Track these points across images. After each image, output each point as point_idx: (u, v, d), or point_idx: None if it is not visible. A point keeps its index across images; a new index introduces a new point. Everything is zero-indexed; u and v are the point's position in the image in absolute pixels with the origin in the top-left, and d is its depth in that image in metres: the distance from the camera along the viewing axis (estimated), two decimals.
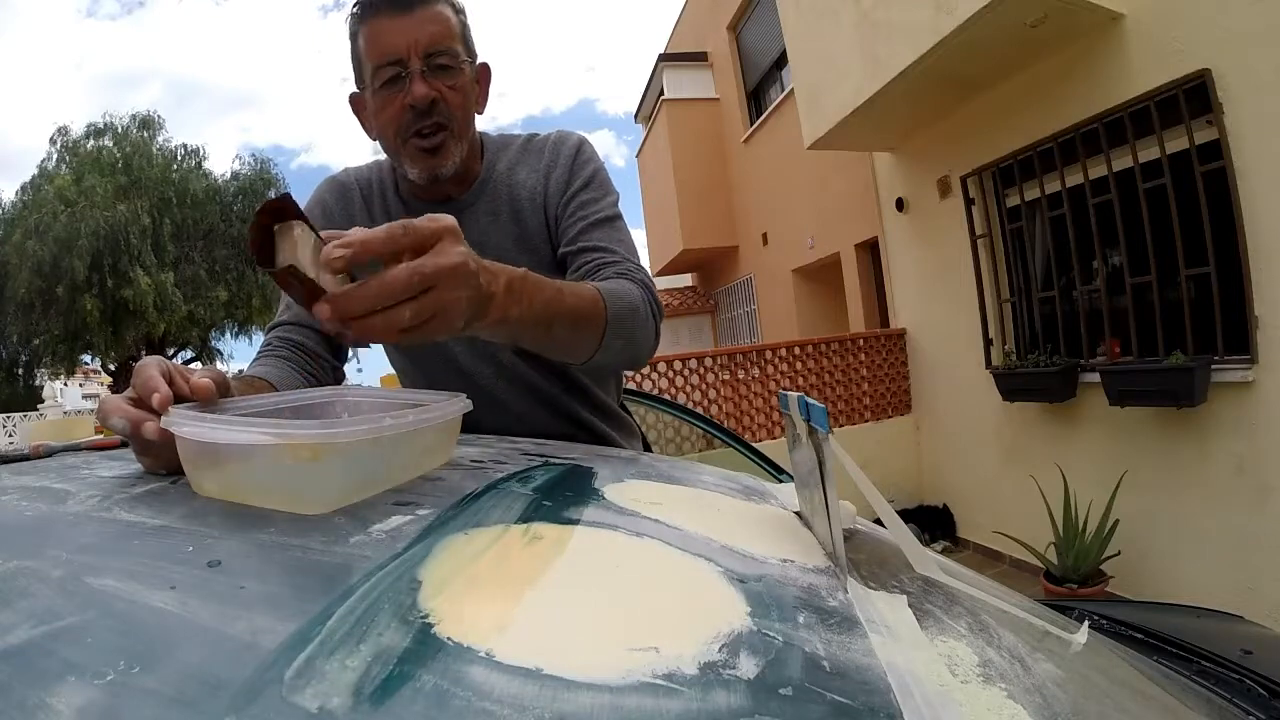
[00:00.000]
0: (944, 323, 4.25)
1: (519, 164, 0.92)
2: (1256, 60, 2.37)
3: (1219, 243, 2.58)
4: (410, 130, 0.81)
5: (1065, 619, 0.48)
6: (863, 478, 0.42)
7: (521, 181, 0.91)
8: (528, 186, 0.90)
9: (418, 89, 0.78)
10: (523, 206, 0.90)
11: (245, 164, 13.42)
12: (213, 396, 0.47)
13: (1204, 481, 2.77)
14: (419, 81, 0.79)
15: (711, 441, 2.32)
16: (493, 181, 0.91)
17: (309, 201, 0.94)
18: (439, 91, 0.80)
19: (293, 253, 0.41)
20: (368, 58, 0.81)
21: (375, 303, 0.41)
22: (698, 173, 8.08)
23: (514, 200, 0.90)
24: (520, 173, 0.91)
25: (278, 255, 0.41)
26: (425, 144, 0.81)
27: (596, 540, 0.36)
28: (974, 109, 3.65)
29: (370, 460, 0.41)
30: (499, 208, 0.90)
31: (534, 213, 0.90)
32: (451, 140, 0.83)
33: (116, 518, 0.36)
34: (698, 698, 0.23)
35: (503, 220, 0.90)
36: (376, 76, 0.80)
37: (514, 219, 0.90)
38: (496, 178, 0.91)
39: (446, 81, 0.81)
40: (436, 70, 0.80)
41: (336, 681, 0.21)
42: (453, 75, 0.81)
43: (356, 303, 0.41)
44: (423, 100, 0.79)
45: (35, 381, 13.02)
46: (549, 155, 0.91)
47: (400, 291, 0.41)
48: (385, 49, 0.79)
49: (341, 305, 0.41)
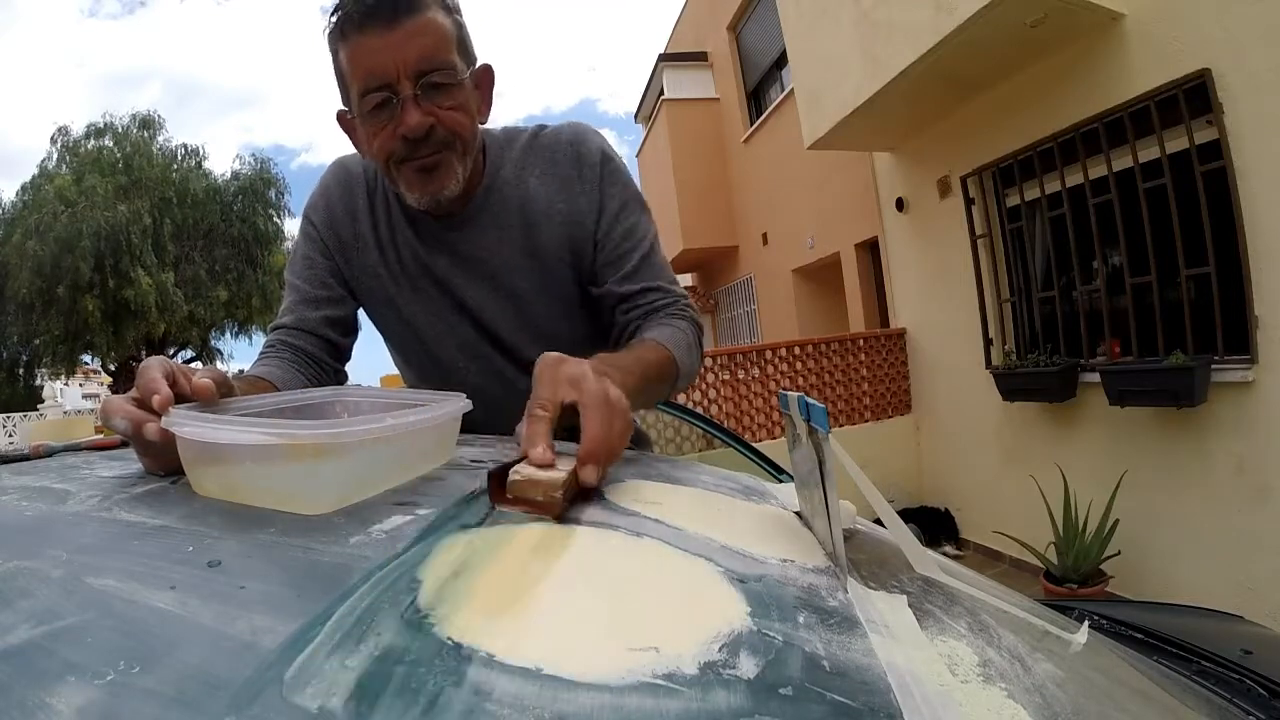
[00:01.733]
0: (944, 323, 4.25)
1: (528, 167, 0.85)
2: (1256, 60, 2.37)
3: (1219, 243, 2.58)
4: (405, 157, 0.74)
5: (1065, 619, 0.48)
6: (863, 478, 0.42)
7: (534, 191, 0.84)
8: (543, 196, 0.84)
9: (410, 118, 0.71)
10: (536, 219, 0.84)
11: (245, 164, 13.43)
12: (213, 397, 0.47)
13: (1204, 481, 2.76)
14: (411, 109, 0.71)
15: (711, 441, 2.32)
16: (498, 188, 0.84)
17: (317, 188, 0.90)
18: (434, 116, 0.72)
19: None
20: (353, 80, 0.72)
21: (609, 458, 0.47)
22: (698, 172, 8.07)
23: (525, 210, 0.84)
24: (531, 179, 0.85)
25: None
26: (422, 163, 0.74)
27: (597, 540, 0.36)
28: (974, 109, 3.65)
29: (372, 460, 0.41)
30: (507, 219, 0.84)
31: (550, 226, 0.84)
32: (454, 157, 0.76)
33: (116, 518, 0.36)
34: (698, 698, 0.23)
35: (511, 232, 0.84)
36: (364, 102, 0.72)
37: (524, 230, 0.84)
38: (503, 183, 0.84)
39: (443, 102, 0.73)
40: (430, 91, 0.71)
41: (336, 681, 0.21)
42: (449, 94, 0.73)
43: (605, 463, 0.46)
44: (416, 130, 0.71)
45: (35, 381, 13.01)
46: (568, 165, 0.84)
47: (613, 454, 0.48)
48: (370, 71, 0.70)
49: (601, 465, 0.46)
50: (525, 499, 0.39)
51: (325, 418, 0.56)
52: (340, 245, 0.88)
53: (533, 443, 0.44)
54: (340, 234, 0.88)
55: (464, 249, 0.85)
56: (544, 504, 0.38)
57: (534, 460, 0.42)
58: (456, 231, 0.85)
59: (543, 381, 0.49)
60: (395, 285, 0.88)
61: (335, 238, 0.88)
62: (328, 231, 0.88)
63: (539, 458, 0.42)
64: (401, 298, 0.88)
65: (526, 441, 0.44)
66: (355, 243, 0.88)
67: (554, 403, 0.47)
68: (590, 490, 0.44)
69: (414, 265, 0.87)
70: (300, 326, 0.86)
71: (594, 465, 0.44)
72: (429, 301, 0.88)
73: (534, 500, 0.39)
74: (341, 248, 0.88)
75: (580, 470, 0.43)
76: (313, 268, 0.88)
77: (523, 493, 0.39)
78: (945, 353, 4.30)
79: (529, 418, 0.46)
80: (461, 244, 0.85)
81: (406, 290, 0.88)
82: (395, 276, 0.87)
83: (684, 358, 0.78)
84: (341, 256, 0.88)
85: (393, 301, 0.89)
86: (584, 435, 0.45)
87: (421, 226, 0.86)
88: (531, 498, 0.39)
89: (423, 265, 0.86)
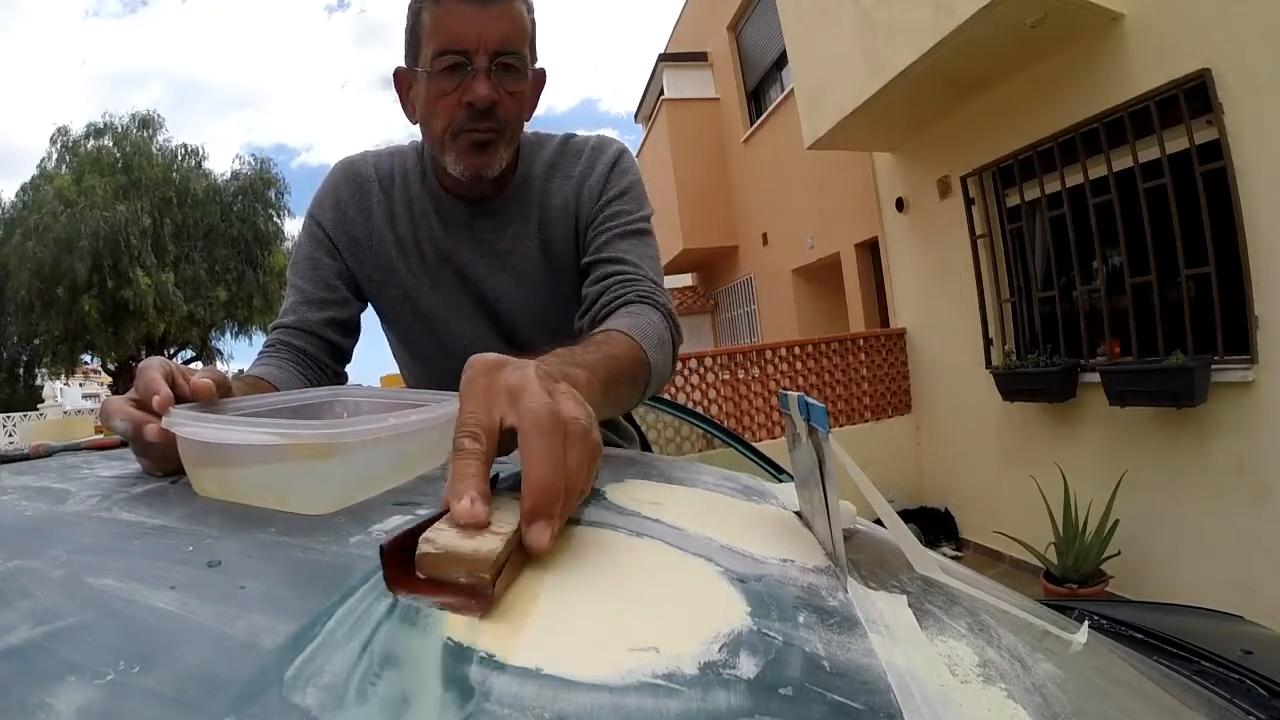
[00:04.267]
0: (944, 323, 4.25)
1: (555, 169, 0.89)
2: (1256, 60, 2.37)
3: (1219, 243, 2.58)
4: (463, 127, 0.77)
5: (1065, 619, 0.48)
6: (863, 478, 0.42)
7: (555, 189, 0.88)
8: (561, 195, 0.87)
9: (480, 88, 0.74)
10: (554, 216, 0.87)
11: (245, 164, 13.44)
12: (213, 397, 0.47)
13: (1204, 481, 2.77)
14: (483, 81, 0.74)
15: (711, 441, 2.32)
16: (527, 186, 0.88)
17: (323, 189, 0.90)
18: (499, 95, 0.76)
19: None
20: (431, 39, 0.75)
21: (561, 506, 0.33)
22: (698, 173, 8.08)
23: (545, 208, 0.87)
24: (555, 179, 0.88)
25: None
26: (478, 137, 0.77)
27: (596, 540, 0.36)
28: (974, 109, 3.65)
29: (374, 460, 0.41)
30: (530, 214, 0.87)
31: (563, 221, 0.87)
32: (502, 143, 0.79)
33: (116, 518, 0.36)
34: (698, 698, 0.23)
35: (532, 228, 0.88)
36: (437, 62, 0.75)
37: (541, 229, 0.87)
38: (532, 182, 0.88)
39: (509, 85, 0.77)
40: (501, 71, 0.75)
41: (336, 681, 0.21)
42: (516, 78, 0.77)
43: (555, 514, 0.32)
44: (484, 101, 0.75)
45: (35, 382, 13.01)
46: (585, 163, 0.88)
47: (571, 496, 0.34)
48: (453, 36, 0.74)
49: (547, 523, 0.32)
50: (440, 580, 0.27)
51: (325, 418, 0.56)
52: (352, 245, 0.88)
53: (456, 492, 0.30)
54: (353, 233, 0.88)
55: (487, 238, 0.87)
56: (466, 588, 0.27)
57: (457, 517, 0.29)
58: (481, 220, 0.87)
59: (471, 395, 0.35)
60: (413, 278, 0.88)
61: (346, 237, 0.88)
62: (337, 231, 0.88)
63: (464, 514, 0.29)
64: (419, 291, 0.89)
65: (449, 489, 0.31)
66: (369, 240, 0.88)
67: (487, 428, 0.34)
68: None
69: (435, 257, 0.88)
70: (301, 327, 0.86)
71: (543, 522, 0.31)
72: (449, 293, 0.89)
73: (453, 583, 0.27)
74: (354, 247, 0.88)
75: (526, 532, 0.31)
76: (317, 269, 0.88)
77: (438, 571, 0.27)
78: (945, 353, 4.31)
79: (455, 452, 0.33)
80: (485, 233, 0.87)
81: (425, 284, 0.88)
82: (414, 271, 0.88)
83: (656, 356, 0.68)
84: (353, 257, 0.89)
85: (410, 296, 0.89)
86: (525, 478, 0.31)
87: (448, 214, 0.87)
88: (450, 579, 0.27)
89: (444, 256, 0.88)
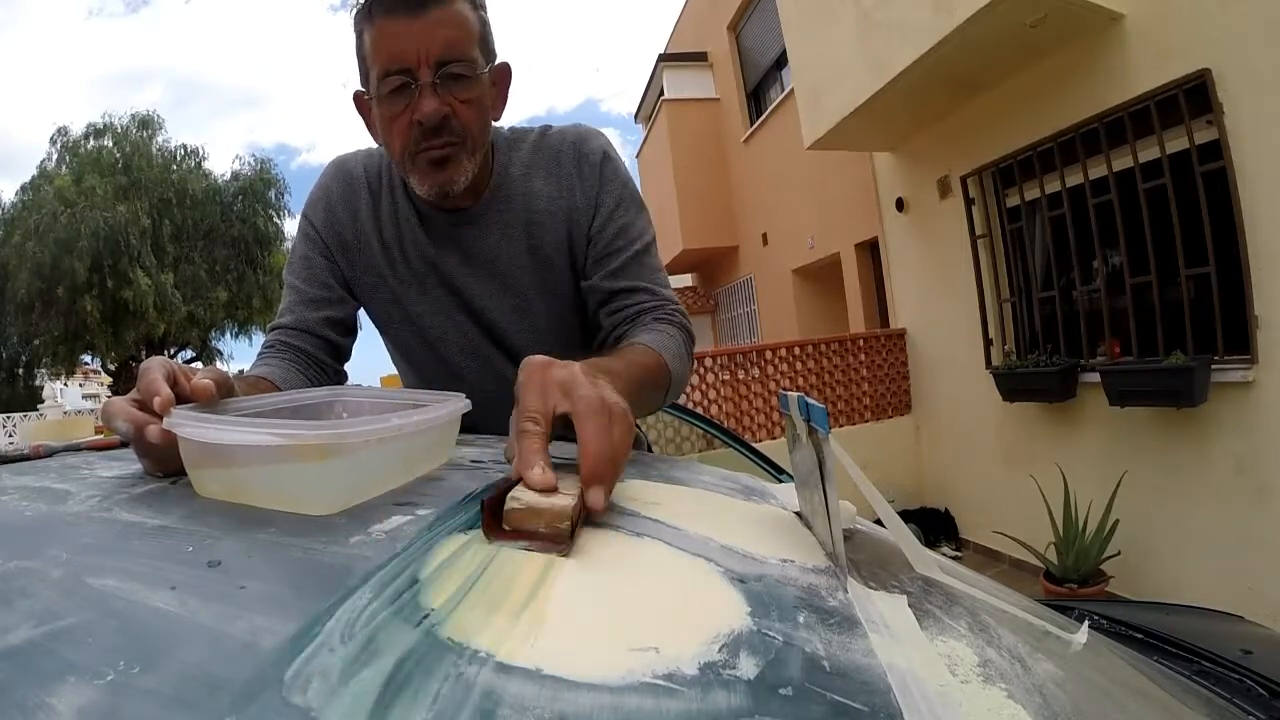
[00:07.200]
0: (944, 323, 4.25)
1: (534, 168, 0.86)
2: (1256, 60, 2.37)
3: (1219, 243, 2.58)
4: (419, 146, 0.75)
5: (1065, 619, 0.48)
6: (863, 478, 0.42)
7: (538, 191, 0.85)
8: (545, 196, 0.85)
9: (426, 105, 0.72)
10: (540, 219, 0.85)
11: (245, 164, 13.42)
12: (212, 397, 0.47)
13: (1204, 481, 2.77)
14: (428, 96, 0.72)
15: (711, 441, 2.32)
16: (506, 188, 0.85)
17: (316, 189, 0.90)
18: (450, 106, 0.73)
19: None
20: (374, 60, 0.73)
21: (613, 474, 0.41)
22: (698, 173, 8.08)
23: (530, 210, 0.85)
24: (536, 180, 0.86)
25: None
26: (434, 154, 0.75)
27: (596, 540, 0.36)
28: (974, 109, 3.65)
29: (375, 461, 0.41)
30: (513, 218, 0.85)
31: (553, 225, 0.85)
32: (464, 154, 0.76)
33: (116, 518, 0.36)
34: (698, 698, 0.23)
35: (516, 232, 0.85)
36: (383, 84, 0.73)
37: (528, 231, 0.85)
38: (510, 183, 0.86)
39: (460, 94, 0.74)
40: (449, 81, 0.73)
41: (336, 682, 0.21)
42: (467, 86, 0.74)
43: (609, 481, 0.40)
44: (432, 118, 0.72)
45: (35, 382, 13.00)
46: (570, 164, 0.86)
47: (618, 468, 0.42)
48: (392, 54, 0.71)
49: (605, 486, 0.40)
50: (527, 531, 0.35)
51: (325, 418, 0.56)
52: (342, 245, 0.88)
53: (528, 463, 0.38)
54: (342, 234, 0.88)
55: (472, 246, 0.86)
56: (549, 536, 0.35)
57: (532, 484, 0.37)
58: (465, 228, 0.85)
59: (530, 389, 0.44)
60: (401, 284, 0.88)
61: (336, 238, 0.88)
62: (328, 232, 0.88)
63: (538, 481, 0.37)
64: (407, 297, 0.88)
65: (520, 462, 0.38)
66: (357, 242, 0.88)
67: (545, 414, 0.42)
68: None
69: (421, 264, 0.87)
70: (300, 327, 0.86)
71: (600, 486, 0.38)
72: (435, 300, 0.88)
73: (537, 533, 0.35)
74: (343, 248, 0.88)
75: (586, 494, 0.38)
76: (311, 268, 0.88)
77: (523, 524, 0.35)
78: (945, 353, 4.31)
79: (520, 434, 0.41)
80: (469, 241, 0.86)
81: (413, 289, 0.88)
82: (401, 276, 0.87)
83: (676, 365, 0.74)
84: (343, 257, 0.88)
85: (398, 300, 0.89)
86: (582, 452, 0.40)
87: (431, 224, 0.86)
88: (534, 529, 0.35)
89: (430, 263, 0.87)
